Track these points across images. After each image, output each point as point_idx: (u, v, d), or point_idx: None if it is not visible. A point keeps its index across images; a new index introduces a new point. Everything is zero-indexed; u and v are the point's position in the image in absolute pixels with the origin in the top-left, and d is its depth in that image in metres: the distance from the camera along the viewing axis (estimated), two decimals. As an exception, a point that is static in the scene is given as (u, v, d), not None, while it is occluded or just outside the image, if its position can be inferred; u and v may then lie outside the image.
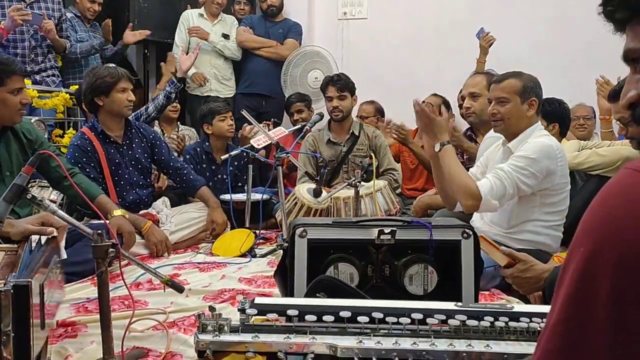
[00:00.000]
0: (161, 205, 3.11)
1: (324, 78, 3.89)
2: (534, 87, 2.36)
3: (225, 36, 4.69)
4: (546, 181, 2.27)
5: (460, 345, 1.18)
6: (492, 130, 2.92)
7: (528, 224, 2.34)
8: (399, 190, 3.72)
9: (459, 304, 1.31)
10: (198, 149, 3.74)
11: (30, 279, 1.20)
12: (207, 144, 3.74)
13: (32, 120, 3.02)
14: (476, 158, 3.08)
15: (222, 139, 3.71)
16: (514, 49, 4.64)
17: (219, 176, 3.70)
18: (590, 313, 0.56)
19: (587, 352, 0.56)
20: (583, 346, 0.56)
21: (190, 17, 4.69)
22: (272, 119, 4.24)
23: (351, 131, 3.65)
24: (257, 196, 3.21)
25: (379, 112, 4.44)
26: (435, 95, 4.08)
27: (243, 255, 2.84)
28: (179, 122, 4.37)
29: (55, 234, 1.71)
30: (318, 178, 3.12)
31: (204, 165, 3.69)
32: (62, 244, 1.92)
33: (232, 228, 3.14)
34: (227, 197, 3.28)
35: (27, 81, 3.45)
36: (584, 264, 0.57)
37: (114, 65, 3.09)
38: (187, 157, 3.68)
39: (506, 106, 2.36)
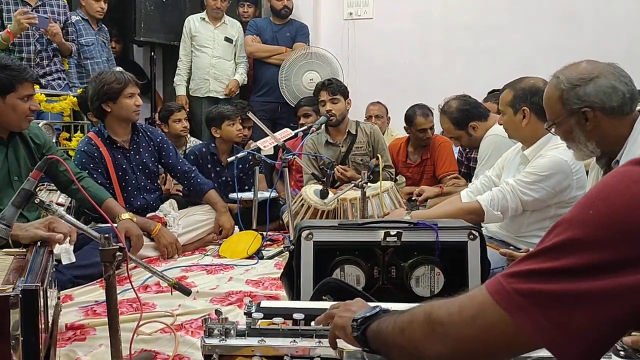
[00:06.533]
0: (168, 208, 3.12)
1: (316, 84, 3.84)
2: (525, 95, 2.24)
3: (228, 40, 4.70)
4: (561, 195, 2.21)
5: (466, 347, 1.17)
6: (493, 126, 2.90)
7: (539, 231, 2.29)
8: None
9: (466, 306, 1.30)
10: (203, 150, 3.75)
11: (38, 284, 1.21)
12: (212, 145, 3.76)
13: (40, 124, 3.03)
14: (478, 156, 3.06)
15: (229, 142, 3.73)
16: (523, 50, 4.63)
17: (224, 178, 3.71)
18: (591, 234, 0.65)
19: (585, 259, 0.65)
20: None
21: (193, 22, 4.70)
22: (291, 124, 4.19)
23: (347, 131, 3.66)
24: (264, 194, 3.22)
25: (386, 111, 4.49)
26: (424, 115, 3.73)
27: (250, 258, 2.85)
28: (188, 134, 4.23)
29: (62, 239, 1.73)
30: (325, 179, 3.12)
31: (209, 166, 3.70)
32: (71, 247, 1.94)
33: (240, 229, 3.14)
34: (234, 195, 3.29)
35: (36, 86, 3.47)
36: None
37: (120, 69, 3.06)
38: (192, 157, 3.69)
39: (504, 118, 2.37)
